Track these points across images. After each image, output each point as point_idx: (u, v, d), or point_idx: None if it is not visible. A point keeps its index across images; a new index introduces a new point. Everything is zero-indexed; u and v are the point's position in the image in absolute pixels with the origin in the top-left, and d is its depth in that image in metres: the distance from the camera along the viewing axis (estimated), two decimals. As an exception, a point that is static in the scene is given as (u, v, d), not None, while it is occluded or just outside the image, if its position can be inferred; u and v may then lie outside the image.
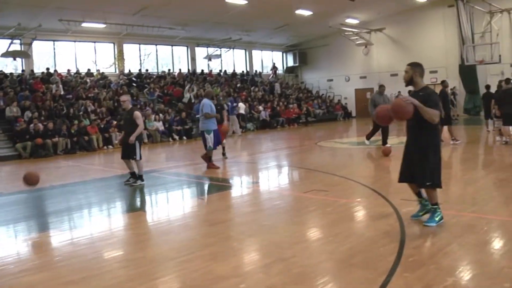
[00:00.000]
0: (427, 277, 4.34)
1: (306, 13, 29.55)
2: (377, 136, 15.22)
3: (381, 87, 15.39)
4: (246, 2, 25.66)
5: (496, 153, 13.34)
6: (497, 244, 5.29)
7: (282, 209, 7.57)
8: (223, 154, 14.20)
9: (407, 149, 6.12)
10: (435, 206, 6.01)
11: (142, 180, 10.44)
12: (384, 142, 14.22)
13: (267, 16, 29.32)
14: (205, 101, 12.40)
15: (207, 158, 12.46)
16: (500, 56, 27.59)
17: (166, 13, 25.94)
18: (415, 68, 5.96)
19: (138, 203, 9.06)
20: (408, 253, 5.00)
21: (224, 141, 14.00)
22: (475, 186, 8.65)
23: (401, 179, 6.14)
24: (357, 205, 7.49)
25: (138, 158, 10.33)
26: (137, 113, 10.33)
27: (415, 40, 34.01)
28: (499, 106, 14.59)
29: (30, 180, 8.95)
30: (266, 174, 11.96)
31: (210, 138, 12.23)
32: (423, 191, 6.14)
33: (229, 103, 26.40)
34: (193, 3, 24.87)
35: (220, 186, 10.34)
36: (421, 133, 5.86)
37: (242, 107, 28.44)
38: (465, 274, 4.45)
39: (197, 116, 14.79)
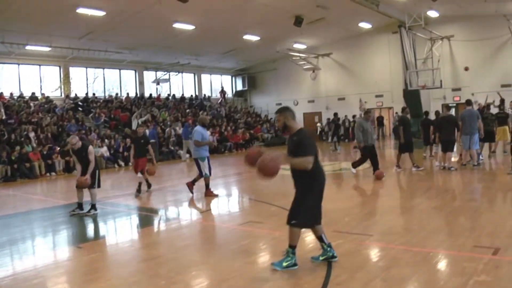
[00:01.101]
0: (345, 317, 4.40)
1: (253, 38, 29.97)
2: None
3: (367, 113, 14.94)
4: (194, 27, 25.80)
5: (432, 179, 13.63)
6: (418, 278, 5.38)
7: (215, 243, 7.55)
8: (139, 190, 13.06)
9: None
10: (290, 249, 5.75)
11: (96, 210, 10.32)
12: (375, 168, 13.94)
13: (215, 41, 29.56)
14: (197, 128, 12.04)
15: (207, 185, 12.12)
16: (441, 81, 28.58)
17: (113, 37, 25.83)
18: (285, 113, 5.78)
19: (70, 238, 8.71)
20: (332, 290, 5.05)
21: (140, 174, 13.05)
22: (407, 215, 8.85)
23: None
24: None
25: (97, 187, 10.32)
26: (91, 149, 10.28)
27: (361, 65, 34.93)
28: (439, 133, 15.07)
29: None
30: (206, 205, 11.76)
31: (204, 165, 11.88)
32: (324, 236, 5.96)
33: (182, 128, 26.50)
34: (140, 27, 24.83)
35: (158, 218, 10.24)
36: (300, 175, 5.64)
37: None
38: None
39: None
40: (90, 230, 9.41)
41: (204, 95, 38.63)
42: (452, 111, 15.58)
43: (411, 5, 26.08)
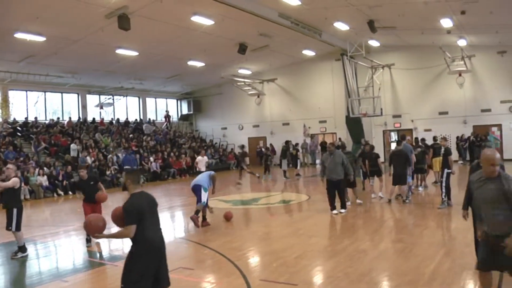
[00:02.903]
0: None
1: (198, 64, 30.15)
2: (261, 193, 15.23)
3: (330, 145, 14.22)
4: (137, 53, 25.73)
5: (365, 216, 13.72)
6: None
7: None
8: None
9: None
10: None
11: (23, 252, 9.97)
12: (333, 206, 13.90)
13: (159, 66, 29.59)
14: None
15: (198, 211, 12.41)
16: (382, 109, 29.28)
17: (54, 62, 25.46)
18: (127, 176, 5.95)
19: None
20: None
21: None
22: (335, 260, 8.80)
23: None
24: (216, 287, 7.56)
25: (13, 229, 9.82)
26: (14, 179, 9.93)
27: (305, 90, 35.50)
28: (392, 167, 15.40)
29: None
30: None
31: (205, 195, 12.44)
32: None
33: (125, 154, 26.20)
34: (82, 53, 24.60)
35: (91, 263, 9.84)
36: (132, 239, 5.56)
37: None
38: None
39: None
40: (15, 278, 8.86)
41: (149, 119, 38.38)
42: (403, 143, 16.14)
43: (353, 35, 26.81)
